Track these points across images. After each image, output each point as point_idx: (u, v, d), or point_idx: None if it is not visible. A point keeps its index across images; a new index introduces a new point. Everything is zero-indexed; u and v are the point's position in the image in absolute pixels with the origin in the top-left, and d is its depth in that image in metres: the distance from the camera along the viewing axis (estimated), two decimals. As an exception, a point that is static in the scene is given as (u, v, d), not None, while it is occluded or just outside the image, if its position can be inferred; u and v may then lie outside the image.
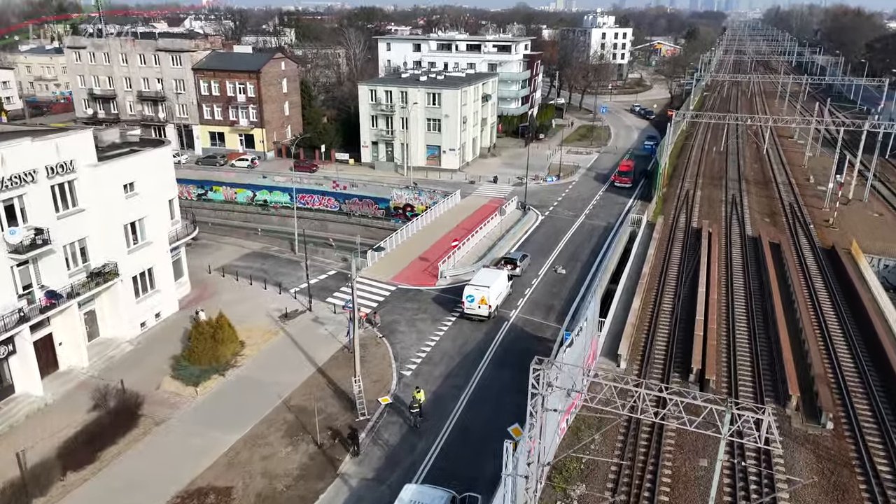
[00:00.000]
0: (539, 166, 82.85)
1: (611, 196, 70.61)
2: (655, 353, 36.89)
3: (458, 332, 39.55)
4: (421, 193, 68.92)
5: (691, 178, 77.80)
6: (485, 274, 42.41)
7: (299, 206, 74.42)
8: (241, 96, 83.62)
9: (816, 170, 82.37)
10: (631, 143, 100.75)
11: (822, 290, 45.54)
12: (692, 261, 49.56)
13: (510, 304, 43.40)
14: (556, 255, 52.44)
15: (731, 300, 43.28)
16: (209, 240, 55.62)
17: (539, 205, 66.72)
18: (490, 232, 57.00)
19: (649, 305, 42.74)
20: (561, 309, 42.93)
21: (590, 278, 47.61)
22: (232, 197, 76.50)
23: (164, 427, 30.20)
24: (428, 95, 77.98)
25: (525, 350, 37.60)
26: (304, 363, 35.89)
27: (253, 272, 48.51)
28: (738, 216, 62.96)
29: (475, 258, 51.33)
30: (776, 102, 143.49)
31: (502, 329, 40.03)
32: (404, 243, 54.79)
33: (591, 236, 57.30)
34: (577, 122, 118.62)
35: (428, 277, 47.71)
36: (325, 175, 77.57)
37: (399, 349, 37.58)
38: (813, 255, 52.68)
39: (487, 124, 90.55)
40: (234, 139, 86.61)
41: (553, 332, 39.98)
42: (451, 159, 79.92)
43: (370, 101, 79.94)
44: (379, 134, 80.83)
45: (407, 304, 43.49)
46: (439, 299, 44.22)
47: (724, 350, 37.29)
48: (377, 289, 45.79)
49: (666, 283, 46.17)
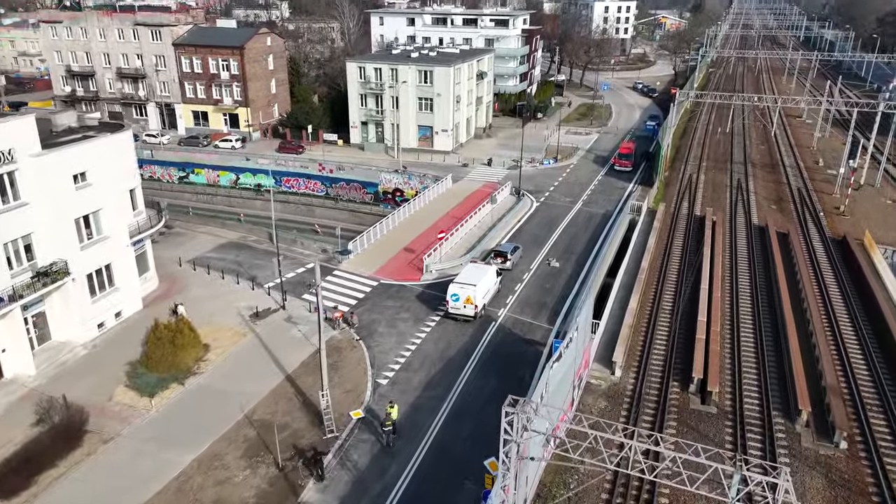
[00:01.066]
0: (536, 148, 79.35)
1: (610, 180, 67.29)
2: (653, 359, 34.06)
3: (441, 334, 36.69)
4: (411, 178, 65.65)
5: (695, 160, 74.37)
6: (471, 270, 39.42)
7: (284, 189, 71.54)
8: (224, 73, 79.83)
9: (826, 152, 78.84)
10: (632, 122, 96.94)
11: (833, 287, 42.54)
12: (695, 256, 46.52)
13: (499, 301, 40.50)
14: (550, 247, 49.37)
15: (736, 298, 40.33)
16: (184, 228, 52.61)
17: (534, 190, 63.45)
18: (481, 221, 53.88)
19: (648, 304, 39.83)
20: (553, 307, 40.02)
21: (585, 273, 44.61)
22: (215, 180, 73.27)
23: (112, 445, 27.50)
24: (419, 73, 74.19)
25: (512, 355, 34.78)
26: (273, 370, 33.11)
27: (227, 265, 45.57)
28: (743, 203, 59.73)
29: (464, 250, 48.29)
30: (784, 80, 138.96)
31: (489, 330, 37.17)
32: (390, 233, 51.72)
33: (587, 225, 54.17)
34: (578, 100, 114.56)
35: (413, 271, 44.75)
36: (312, 157, 74.16)
37: (377, 353, 34.76)
38: (823, 246, 49.59)
39: (483, 103, 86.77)
40: (218, 119, 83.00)
41: (544, 333, 37.11)
42: (444, 141, 76.39)
43: (359, 78, 76.17)
44: (368, 114, 77.21)
45: (388, 301, 40.59)
46: (423, 296, 41.31)
47: (728, 355, 34.46)
48: (358, 284, 42.86)
49: (666, 278, 43.19)
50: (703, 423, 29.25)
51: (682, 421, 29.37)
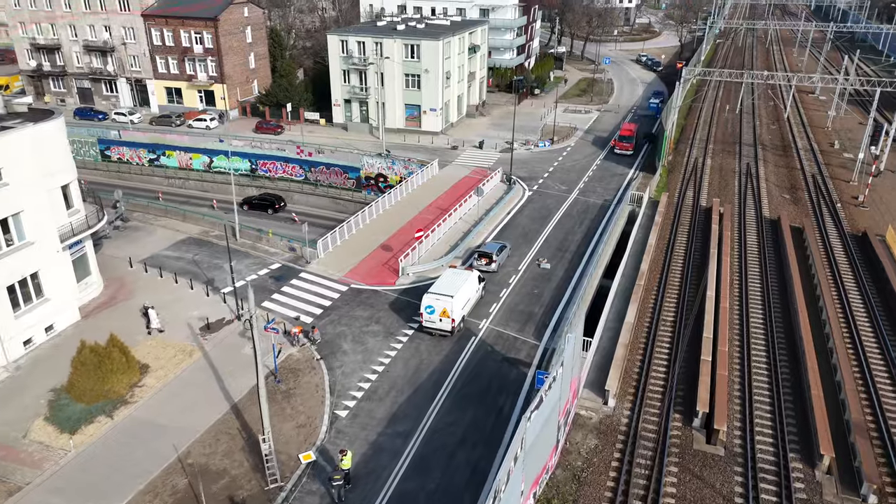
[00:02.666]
0: (531, 128, 74.40)
1: (609, 165, 62.53)
2: (652, 385, 29.92)
3: (413, 352, 32.54)
4: (394, 163, 60.89)
5: (700, 142, 69.43)
6: (450, 277, 35.06)
7: (261, 173, 66.87)
8: (197, 47, 74.46)
9: (841, 132, 73.79)
10: (635, 99, 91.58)
11: (854, 294, 38.19)
12: (700, 255, 42.11)
13: (481, 310, 36.26)
14: (540, 244, 44.94)
15: (746, 309, 36.02)
16: (143, 221, 48.17)
17: (527, 176, 58.76)
18: (466, 214, 49.36)
19: (647, 315, 35.57)
20: (542, 318, 35.77)
21: (578, 276, 40.25)
22: (187, 163, 68.50)
23: (17, 499, 23.56)
24: (405, 47, 68.84)
25: (493, 379, 30.66)
26: (218, 397, 29.05)
27: (183, 265, 41.32)
28: (753, 191, 55.06)
29: (446, 248, 43.90)
30: (795, 52, 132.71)
31: (468, 347, 33.00)
32: (367, 227, 47.28)
33: (583, 218, 49.64)
34: (578, 74, 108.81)
35: (388, 274, 40.44)
36: (291, 139, 69.30)
37: (339, 376, 30.65)
38: (842, 243, 45.11)
39: (476, 79, 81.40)
40: (192, 96, 77.86)
41: (530, 350, 32.94)
42: (433, 121, 71.39)
43: (341, 53, 70.84)
44: (352, 91, 72.05)
45: (358, 310, 36.36)
46: (398, 304, 37.06)
47: (737, 381, 30.29)
48: (325, 289, 38.60)
49: (668, 283, 38.86)
50: (709, 469, 25.21)
51: (683, 466, 25.32)
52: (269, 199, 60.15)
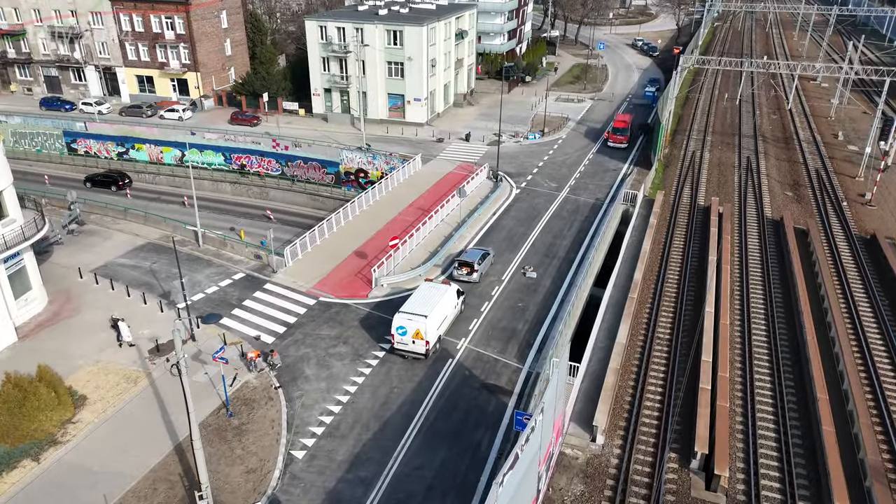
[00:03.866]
0: (521, 119, 70.96)
1: (603, 159, 59.23)
2: (645, 419, 27.01)
3: (383, 378, 29.51)
4: (375, 157, 57.48)
5: (698, 133, 66.16)
6: (425, 293, 31.94)
7: (235, 167, 63.37)
8: (168, 33, 70.49)
9: (845, 122, 70.57)
10: (630, 86, 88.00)
11: (864, 306, 35.29)
12: (698, 262, 39.09)
13: (460, 327, 33.21)
14: (527, 249, 41.82)
15: (748, 327, 33.06)
16: (100, 224, 44.80)
17: (515, 172, 55.47)
18: (450, 215, 46.12)
19: (640, 333, 32.60)
20: (526, 336, 32.74)
21: (566, 288, 37.19)
22: (158, 157, 64.90)
23: (-83, 566, 20.63)
24: (388, 33, 65.06)
25: (470, 410, 27.69)
26: (162, 435, 26.02)
27: (138, 275, 38.09)
28: (754, 188, 51.96)
29: (426, 254, 40.73)
30: (795, 35, 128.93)
31: (443, 372, 29.99)
32: (341, 230, 44.03)
33: (573, 219, 46.48)
34: (571, 59, 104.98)
35: (360, 285, 37.29)
36: (268, 131, 65.76)
37: (298, 408, 27.61)
38: (849, 248, 42.14)
39: (464, 66, 77.66)
40: (165, 84, 74.00)
41: (511, 374, 29.95)
42: (418, 111, 67.82)
43: (320, 39, 67.02)
44: (332, 80, 68.33)
45: (325, 328, 33.25)
46: (369, 320, 33.96)
47: (739, 410, 27.44)
48: (291, 303, 35.44)
49: (664, 294, 35.86)
50: (709, 521, 22.42)
51: (680, 518, 22.52)
52: (112, 177, 60.31)
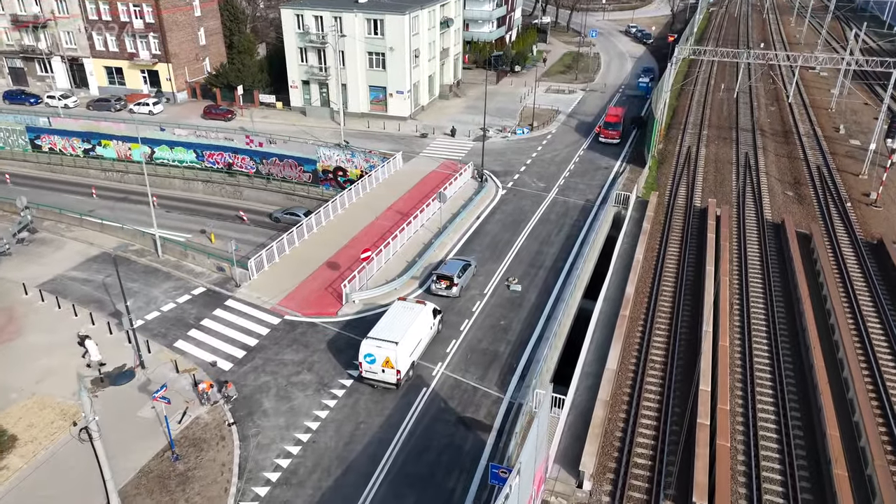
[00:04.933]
0: (510, 112, 67.87)
1: (594, 156, 56.32)
2: (638, 459, 24.38)
3: (349, 412, 26.77)
4: (354, 155, 54.38)
5: (694, 127, 63.29)
6: (397, 315, 29.11)
7: (207, 165, 60.14)
8: (137, 22, 66.78)
9: (846, 114, 67.87)
10: (623, 76, 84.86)
11: (873, 321, 32.75)
12: (694, 272, 36.37)
13: (437, 350, 30.46)
14: (511, 258, 39.01)
15: (750, 346, 30.44)
16: (52, 232, 41.72)
17: (502, 171, 52.52)
18: (431, 219, 43.19)
19: (632, 356, 29.93)
20: (508, 360, 30.01)
21: (553, 302, 34.43)
22: (126, 154, 61.55)
23: None
24: (368, 22, 61.63)
25: (443, 450, 24.99)
26: (97, 485, 23.18)
27: (89, 290, 35.13)
28: (753, 188, 49.22)
29: (403, 265, 37.87)
30: (793, 21, 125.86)
31: (416, 404, 27.26)
32: (313, 237, 41.09)
33: (562, 223, 43.65)
34: (563, 47, 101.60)
35: (330, 300, 34.42)
36: (243, 125, 62.48)
37: (253, 449, 24.87)
38: (855, 254, 39.53)
39: (450, 56, 74.31)
40: (135, 76, 70.39)
41: (491, 406, 27.26)
42: (400, 104, 64.59)
43: (297, 29, 63.56)
44: (310, 72, 64.94)
45: (288, 351, 30.42)
46: (337, 342, 31.14)
47: (741, 447, 24.87)
48: (253, 322, 32.56)
49: (658, 311, 33.15)
50: (708, 586, 19.88)
51: (677, 583, 19.98)
52: None
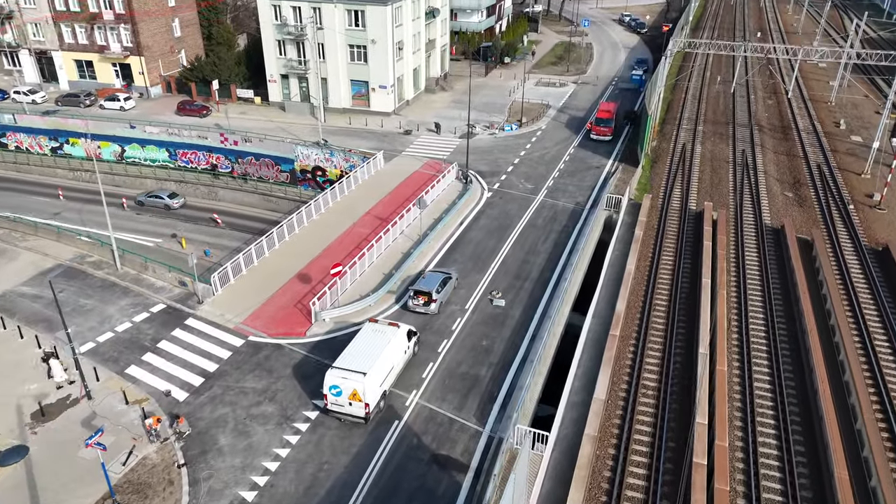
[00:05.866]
0: (498, 106, 65.24)
1: (585, 155, 53.85)
2: (628, 500, 22.22)
3: (313, 450, 24.43)
4: (333, 154, 51.77)
5: (689, 122, 60.82)
6: (367, 339, 26.71)
7: (181, 164, 57.42)
8: (107, 12, 63.69)
9: (846, 108, 65.53)
10: (616, 68, 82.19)
11: (881, 339, 30.58)
12: (689, 282, 34.06)
13: (412, 375, 28.13)
14: (496, 268, 36.61)
15: (750, 370, 28.20)
16: (5, 241, 39.07)
17: (488, 171, 50.02)
18: (410, 226, 40.71)
19: (623, 381, 27.64)
20: (489, 386, 27.71)
21: (538, 318, 32.11)
22: (95, 153, 58.71)
23: None
24: (348, 14, 58.75)
25: (414, 494, 22.70)
26: (27, 538, 20.91)
27: (38, 308, 32.64)
28: (751, 189, 46.86)
29: (379, 277, 35.42)
30: (790, 9, 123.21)
31: (387, 439, 24.93)
32: (284, 246, 38.58)
33: (550, 229, 41.24)
34: (554, 37, 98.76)
35: (299, 318, 31.99)
36: (219, 122, 59.67)
37: (204, 496, 22.53)
38: (860, 263, 37.26)
39: (436, 48, 71.48)
40: (106, 70, 67.38)
41: (468, 440, 24.96)
42: (383, 99, 61.86)
43: (274, 20, 60.62)
44: (289, 65, 62.09)
45: (250, 378, 28.03)
46: (304, 367, 28.77)
47: (740, 490, 22.68)
48: (214, 344, 30.11)
49: (650, 329, 30.82)
50: None
51: None
52: None
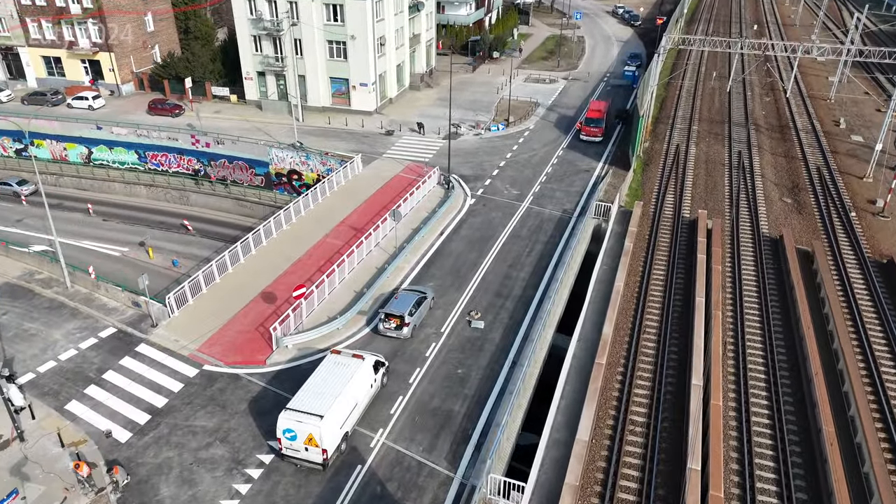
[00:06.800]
0: (485, 104, 62.66)
1: (574, 157, 51.36)
2: (612, 564, 20.00)
3: (264, 501, 22.03)
4: (309, 157, 49.16)
5: (683, 120, 58.41)
6: (326, 376, 24.26)
7: (152, 167, 54.73)
8: (74, 6, 60.71)
9: (846, 106, 63.19)
10: (609, 62, 79.56)
11: (887, 363, 28.37)
12: (682, 298, 31.73)
13: (379, 411, 25.74)
14: (476, 284, 34.19)
15: (747, 405, 25.93)
16: (-49, 257, 36.50)
17: (472, 175, 47.52)
18: (386, 237, 38.22)
19: (609, 418, 25.35)
20: (463, 422, 25.35)
21: (520, 342, 29.74)
22: (62, 155, 55.95)
23: None
24: (326, 8, 55.89)
25: (374, 555, 20.44)
26: None
27: (-21, 334, 30.13)
28: (748, 194, 44.49)
29: (350, 295, 32.98)
30: (787, 1, 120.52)
31: (347, 488, 22.50)
32: (251, 259, 36.06)
33: (535, 240, 38.80)
34: (546, 30, 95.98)
35: (260, 344, 29.54)
36: (191, 122, 56.94)
37: (140, 556, 20.22)
38: (863, 277, 34.99)
39: (421, 43, 68.70)
40: (75, 67, 64.43)
41: (438, 488, 22.61)
42: (364, 98, 59.13)
43: (249, 15, 57.74)
44: (265, 62, 59.27)
45: (201, 414, 25.59)
46: (262, 401, 26.34)
47: (737, 548, 20.52)
48: (165, 376, 27.63)
49: (639, 356, 28.48)
50: None
51: None
52: None
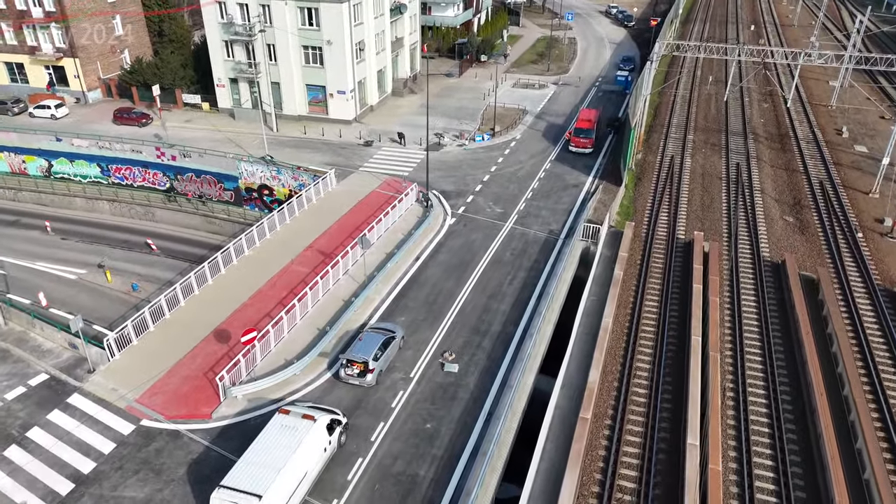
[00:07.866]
0: (471, 112, 59.66)
1: (562, 170, 48.41)
2: None
3: None
4: (280, 171, 46.12)
5: (678, 130, 55.51)
6: (271, 441, 21.30)
7: (115, 181, 51.61)
8: (35, 10, 57.43)
9: (849, 114, 60.40)
10: (601, 66, 76.61)
11: (904, 416, 25.60)
12: (676, 351, 28.85)
13: (333, 477, 22.75)
14: (452, 319, 31.22)
15: (750, 466, 23.09)
16: None
17: (454, 190, 44.55)
18: (357, 266, 35.22)
19: (593, 483, 22.46)
20: (430, 491, 22.38)
21: (497, 389, 26.80)
22: (21, 168, 52.78)
23: None
24: (301, 12, 52.75)
25: None
26: None
27: None
28: (746, 212, 41.62)
29: (313, 333, 29.99)
30: (785, 2, 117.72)
31: (292, 575, 19.68)
32: (206, 290, 33.01)
33: (518, 265, 35.85)
34: (537, 31, 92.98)
35: (207, 393, 26.52)
36: (157, 133, 53.82)
37: None
38: (872, 307, 32.18)
39: (404, 47, 65.62)
40: (38, 73, 61.19)
41: (397, 573, 19.76)
42: (342, 106, 56.04)
43: (219, 19, 54.59)
44: (238, 68, 56.14)
45: (132, 482, 22.57)
46: (203, 465, 23.32)
47: None
48: (96, 434, 24.58)
49: (629, 409, 25.58)
50: None
51: None
52: None
